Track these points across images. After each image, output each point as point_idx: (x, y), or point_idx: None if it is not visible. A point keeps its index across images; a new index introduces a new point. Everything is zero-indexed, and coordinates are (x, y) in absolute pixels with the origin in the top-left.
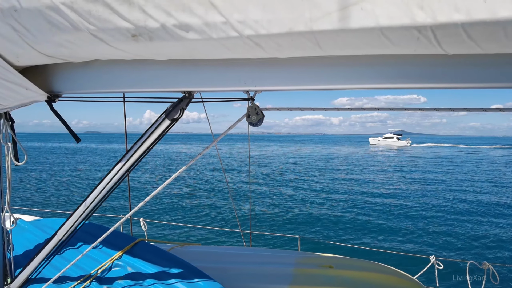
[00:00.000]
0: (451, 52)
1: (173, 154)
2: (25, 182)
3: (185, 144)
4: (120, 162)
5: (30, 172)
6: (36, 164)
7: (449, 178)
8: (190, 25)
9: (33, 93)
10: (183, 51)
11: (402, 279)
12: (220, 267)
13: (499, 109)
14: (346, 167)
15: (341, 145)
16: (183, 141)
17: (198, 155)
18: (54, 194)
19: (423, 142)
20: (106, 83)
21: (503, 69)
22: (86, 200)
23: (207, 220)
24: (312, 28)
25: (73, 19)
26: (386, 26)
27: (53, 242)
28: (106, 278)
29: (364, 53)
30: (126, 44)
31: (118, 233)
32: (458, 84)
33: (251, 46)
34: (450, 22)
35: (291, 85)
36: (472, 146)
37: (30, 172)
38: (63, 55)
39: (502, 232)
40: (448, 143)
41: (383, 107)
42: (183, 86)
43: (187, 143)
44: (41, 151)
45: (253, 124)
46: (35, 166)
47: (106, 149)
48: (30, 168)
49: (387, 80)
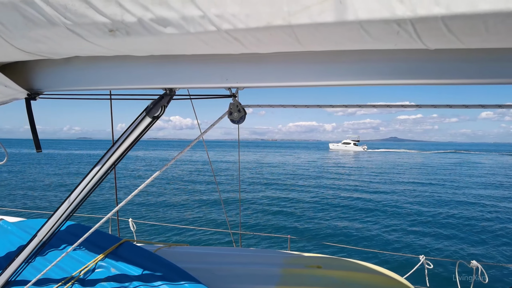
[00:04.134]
0: (432, 46)
1: (163, 159)
2: (11, 183)
3: (177, 150)
4: (100, 162)
5: (16, 173)
6: (23, 165)
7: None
8: (168, 19)
9: (12, 90)
10: (162, 47)
11: (390, 279)
12: (207, 267)
13: (499, 105)
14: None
15: (304, 150)
16: (175, 147)
17: (184, 150)
18: (40, 196)
19: (413, 148)
20: (88, 80)
21: (486, 65)
22: (68, 199)
23: (197, 220)
24: (290, 22)
25: (49, 13)
26: (365, 20)
27: (34, 243)
28: (88, 280)
29: (344, 48)
30: (104, 40)
31: (103, 233)
32: (441, 80)
33: (230, 41)
34: (430, 15)
35: (273, 81)
36: (422, 152)
37: (16, 174)
38: (42, 51)
39: (490, 231)
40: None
41: (351, 104)
42: (163, 83)
43: (178, 149)
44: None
45: (235, 121)
46: (22, 167)
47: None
48: (16, 169)
49: (369, 77)
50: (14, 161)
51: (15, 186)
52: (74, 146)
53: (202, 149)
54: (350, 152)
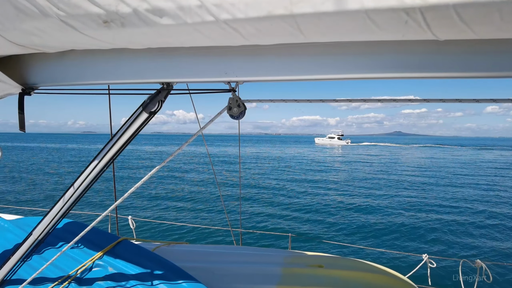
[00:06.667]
0: (442, 37)
1: (164, 154)
2: (9, 180)
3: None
4: (97, 157)
5: (15, 171)
6: (23, 163)
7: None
8: (164, 9)
9: (6, 85)
10: (158, 39)
11: (393, 278)
12: (206, 266)
13: (493, 100)
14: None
15: (290, 145)
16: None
17: (182, 145)
18: (39, 193)
19: (409, 144)
20: (84, 75)
21: (497, 58)
22: (64, 196)
23: (197, 218)
24: (292, 11)
25: (41, 4)
26: (372, 8)
27: (30, 241)
28: (85, 279)
29: (349, 39)
30: (98, 32)
31: (101, 231)
32: (450, 73)
33: (229, 32)
34: (441, 3)
35: (274, 75)
36: (403, 145)
37: (15, 171)
38: (35, 45)
39: (494, 231)
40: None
41: (341, 99)
42: (160, 77)
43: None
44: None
45: (234, 117)
46: (22, 164)
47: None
48: (15, 166)
49: (375, 70)
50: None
51: (12, 182)
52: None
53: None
54: (334, 145)
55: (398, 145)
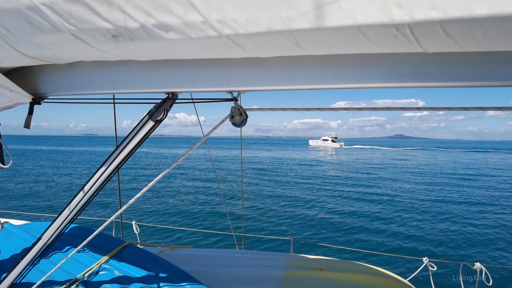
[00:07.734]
0: (430, 50)
1: (168, 158)
2: (16, 185)
3: (182, 147)
4: (104, 165)
5: (22, 175)
6: (29, 167)
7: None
8: (170, 25)
9: (18, 95)
10: (164, 52)
11: (393, 281)
12: (210, 270)
13: (498, 108)
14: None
15: (285, 147)
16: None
17: (186, 152)
18: (46, 198)
19: (404, 146)
20: (91, 84)
21: (484, 68)
22: (72, 203)
23: (200, 223)
24: (290, 27)
25: (53, 19)
26: (363, 24)
27: (38, 246)
28: (92, 282)
29: (344, 52)
30: (107, 45)
31: (107, 236)
32: (440, 83)
33: (231, 46)
34: (428, 19)
35: (274, 85)
36: (394, 148)
37: (21, 175)
38: (46, 57)
39: (494, 233)
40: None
41: (338, 107)
42: (166, 87)
43: (183, 146)
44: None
45: (236, 125)
46: (27, 169)
47: (103, 152)
48: (21, 171)
49: (369, 80)
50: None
51: (20, 188)
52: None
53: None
54: (328, 148)
55: (392, 148)
